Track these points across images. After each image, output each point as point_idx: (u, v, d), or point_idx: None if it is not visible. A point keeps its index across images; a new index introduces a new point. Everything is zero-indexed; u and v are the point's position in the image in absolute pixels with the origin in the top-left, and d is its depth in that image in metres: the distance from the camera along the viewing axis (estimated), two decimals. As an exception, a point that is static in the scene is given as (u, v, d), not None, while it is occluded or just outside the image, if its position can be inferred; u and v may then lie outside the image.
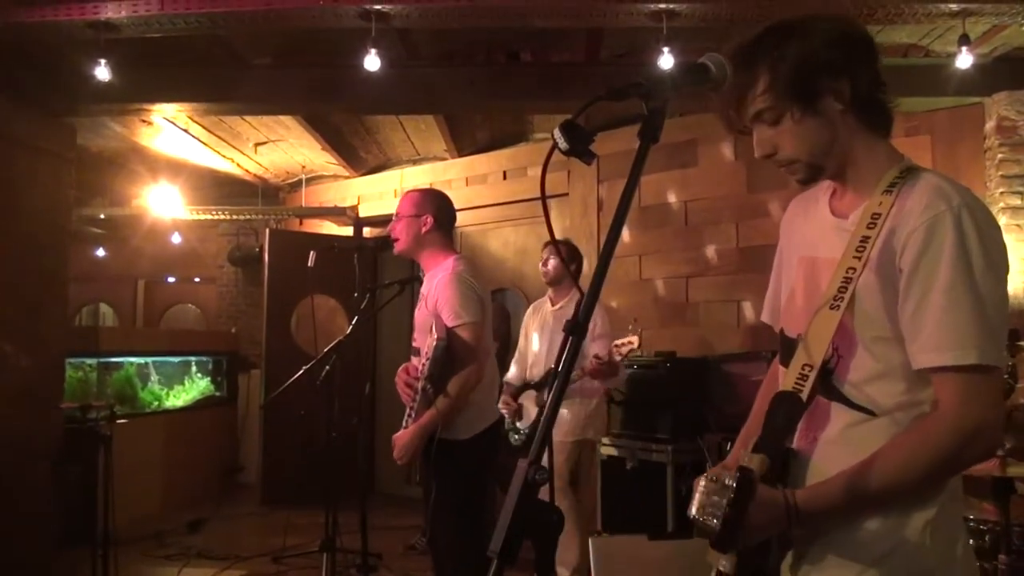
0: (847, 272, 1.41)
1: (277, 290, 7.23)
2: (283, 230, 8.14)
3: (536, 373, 4.63)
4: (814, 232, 1.57)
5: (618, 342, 4.19)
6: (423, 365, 2.99)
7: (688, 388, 4.73)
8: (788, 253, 1.66)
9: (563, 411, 4.46)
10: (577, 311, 1.19)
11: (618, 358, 4.14)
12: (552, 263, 4.64)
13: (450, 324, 3.01)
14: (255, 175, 8.05)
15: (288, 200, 8.47)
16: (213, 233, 8.91)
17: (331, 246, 3.93)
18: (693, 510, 1.34)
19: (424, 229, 3.22)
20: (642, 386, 4.78)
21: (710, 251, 5.38)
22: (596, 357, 4.14)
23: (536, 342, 4.71)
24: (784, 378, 1.46)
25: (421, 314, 3.18)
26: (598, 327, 4.37)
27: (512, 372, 4.72)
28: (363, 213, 7.71)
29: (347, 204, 7.74)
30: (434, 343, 2.92)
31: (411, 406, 3.09)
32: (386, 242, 3.30)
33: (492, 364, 3.33)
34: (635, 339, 4.06)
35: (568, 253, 4.70)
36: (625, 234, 5.72)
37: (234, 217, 8.09)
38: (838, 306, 1.40)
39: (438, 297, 3.06)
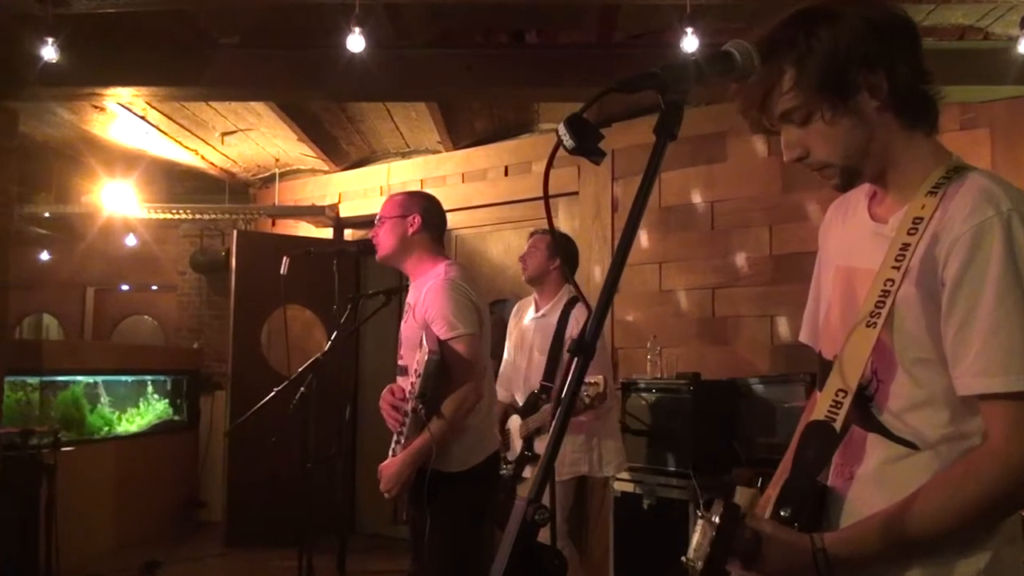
0: (885, 284, 1.41)
1: (246, 300, 7.26)
2: (253, 232, 8.16)
3: (515, 395, 4.61)
4: (852, 239, 1.58)
5: (587, 379, 4.10)
6: (412, 383, 3.01)
7: (714, 415, 4.72)
8: (826, 263, 1.67)
9: (540, 448, 4.46)
10: (583, 330, 1.20)
11: (581, 406, 4.04)
12: (533, 255, 4.57)
13: (444, 336, 3.03)
14: (222, 169, 8.08)
15: (259, 197, 8.50)
16: (173, 235, 8.94)
17: (307, 250, 3.95)
18: (689, 553, 1.37)
19: (411, 230, 3.25)
20: (662, 413, 4.77)
21: (740, 259, 5.40)
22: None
23: (516, 355, 4.66)
24: (817, 405, 1.46)
25: (408, 327, 3.19)
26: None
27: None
28: (344, 213, 7.73)
29: (326, 202, 7.78)
30: (426, 357, 2.94)
31: (399, 431, 3.10)
32: (370, 245, 3.33)
33: (491, 383, 3.35)
34: (600, 379, 3.96)
35: (556, 245, 4.64)
36: (643, 238, 5.73)
37: (197, 216, 8.11)
38: (875, 323, 1.40)
39: (428, 307, 3.08)
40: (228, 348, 7.41)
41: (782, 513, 1.44)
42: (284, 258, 4.07)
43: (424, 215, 3.26)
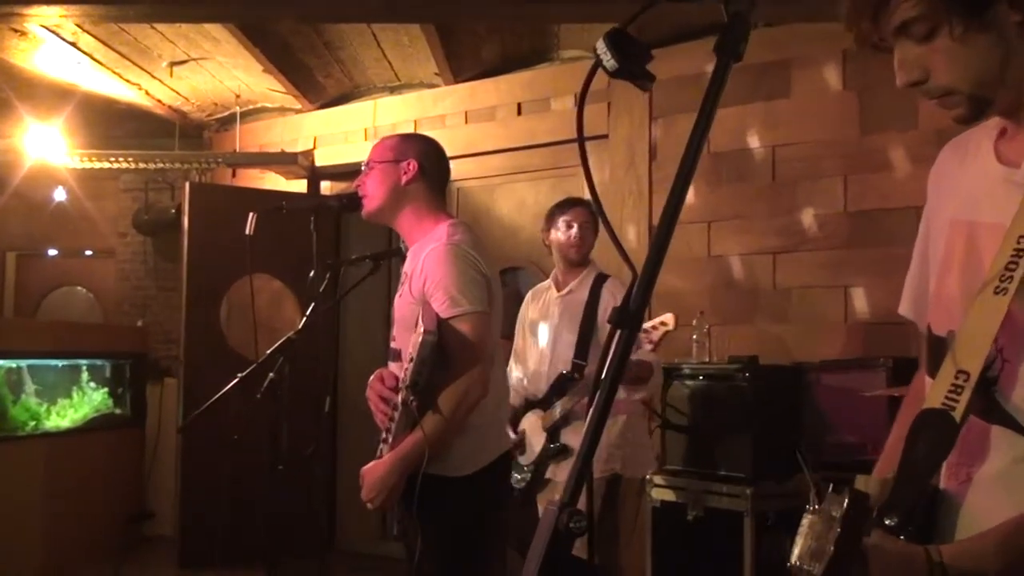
0: (1019, 242, 1.39)
1: (201, 268, 7.28)
2: (209, 184, 8.15)
3: (538, 385, 4.67)
4: (974, 187, 1.56)
5: (646, 325, 4.22)
6: (405, 371, 3.00)
7: (775, 408, 4.71)
8: (937, 217, 1.65)
9: (569, 439, 4.54)
10: (628, 296, 1.19)
11: (649, 347, 4.16)
12: (585, 233, 4.70)
13: (445, 314, 3.02)
14: (170, 108, 8.06)
15: (216, 142, 8.49)
16: (112, 188, 8.94)
17: (279, 206, 3.92)
18: (793, 557, 1.35)
19: (406, 179, 3.24)
20: (710, 404, 4.77)
21: (807, 217, 5.37)
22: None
23: (539, 339, 4.75)
24: (930, 392, 1.45)
25: (403, 303, 3.19)
26: None
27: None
28: (321, 161, 7.73)
29: (298, 148, 7.76)
30: (420, 339, 2.93)
31: (387, 427, 3.10)
32: (355, 200, 3.32)
33: (501, 372, 3.34)
34: (670, 318, 4.06)
35: (594, 218, 4.77)
36: (689, 193, 5.69)
37: (141, 166, 8.07)
38: (1005, 289, 1.38)
39: (427, 276, 3.07)
40: (180, 326, 7.42)
41: (887, 522, 1.43)
42: (250, 215, 4.04)
43: (422, 161, 3.25)
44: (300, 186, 7.87)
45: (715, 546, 4.56)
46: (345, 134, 7.63)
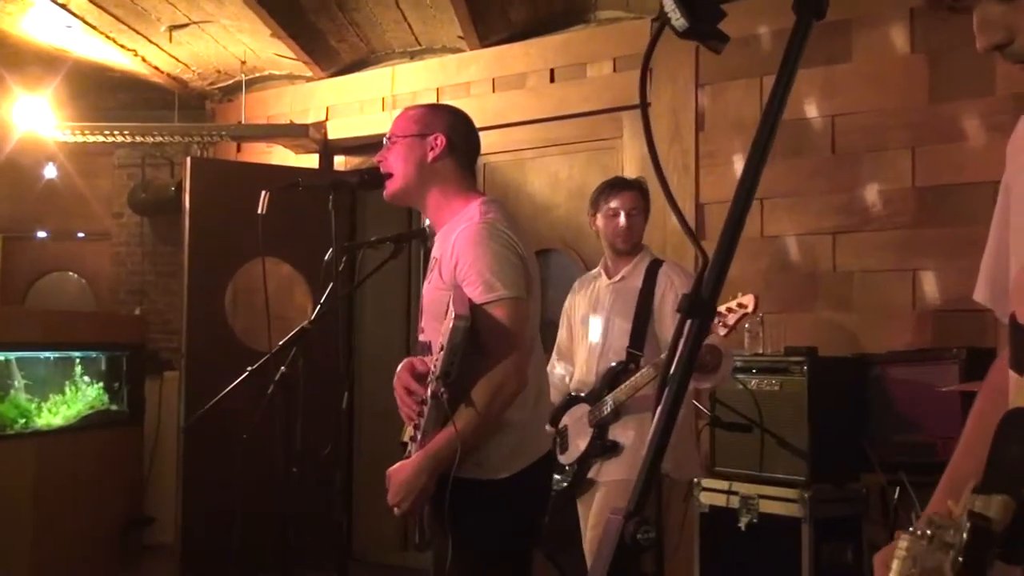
0: None
1: (204, 251, 7.28)
2: (212, 159, 8.18)
3: (587, 380, 4.66)
4: None
5: (722, 308, 4.18)
6: (436, 361, 3.00)
7: (835, 404, 4.72)
8: (1018, 192, 1.63)
9: (618, 436, 4.53)
10: (699, 282, 1.17)
11: (723, 332, 4.13)
12: (634, 222, 4.70)
13: (478, 299, 3.01)
14: (169, 76, 8.07)
15: (219, 114, 8.50)
16: (106, 164, 8.98)
17: (294, 183, 3.90)
18: None
19: (433, 154, 3.23)
20: (764, 400, 4.77)
21: (871, 193, 5.34)
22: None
23: (590, 333, 4.75)
24: (1018, 389, 1.43)
25: (433, 289, 3.19)
26: (680, 292, 4.38)
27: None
28: (334, 133, 7.73)
29: (309, 120, 7.77)
30: (451, 325, 2.92)
31: (416, 423, 3.11)
32: (376, 177, 3.31)
33: (541, 363, 3.33)
34: (749, 299, 4.05)
35: (648, 203, 4.81)
36: (738, 166, 5.70)
37: (138, 139, 8.08)
38: None
39: (459, 259, 3.07)
40: (181, 315, 7.43)
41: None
42: (263, 193, 4.03)
43: (450, 134, 3.24)
44: (311, 161, 7.88)
45: (769, 555, 4.58)
46: (360, 104, 7.61)
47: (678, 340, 1.12)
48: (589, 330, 4.74)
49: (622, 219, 4.67)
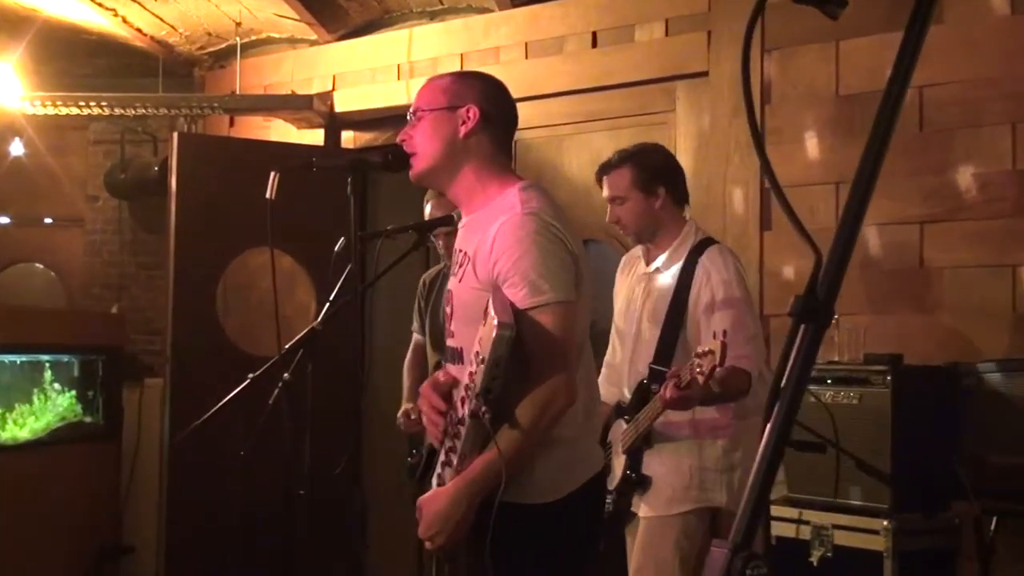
0: None
1: (193, 240, 7.29)
2: (202, 135, 8.19)
3: (623, 386, 4.63)
4: None
5: (699, 350, 4.02)
6: (471, 375, 3.01)
7: (923, 420, 4.69)
8: None
9: (650, 467, 4.49)
10: (814, 281, 1.16)
11: (701, 382, 3.97)
12: (619, 208, 4.57)
13: (522, 303, 3.02)
14: (153, 39, 8.09)
15: (210, 83, 8.52)
16: (79, 140, 9.02)
17: (307, 163, 3.92)
18: None
19: (465, 129, 3.23)
20: (840, 415, 4.75)
21: (964, 176, 5.31)
22: (675, 384, 4.01)
23: (624, 331, 4.73)
24: None
25: (465, 288, 3.20)
26: (717, 290, 4.37)
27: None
28: (342, 106, 7.73)
29: (313, 90, 7.77)
30: (494, 334, 2.92)
31: (449, 447, 3.12)
32: (401, 156, 3.32)
33: (590, 371, 3.35)
34: (715, 346, 3.89)
35: (646, 172, 4.56)
36: (809, 144, 5.69)
37: (117, 112, 8.08)
38: None
39: (500, 255, 3.07)
40: (165, 314, 7.44)
41: None
42: (272, 174, 4.04)
43: (485, 105, 3.24)
44: (315, 137, 7.88)
45: (847, 595, 4.58)
46: (372, 72, 7.60)
47: (789, 348, 1.11)
48: (625, 327, 4.71)
49: (608, 211, 4.62)
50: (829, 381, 4.80)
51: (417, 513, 3.13)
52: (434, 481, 3.23)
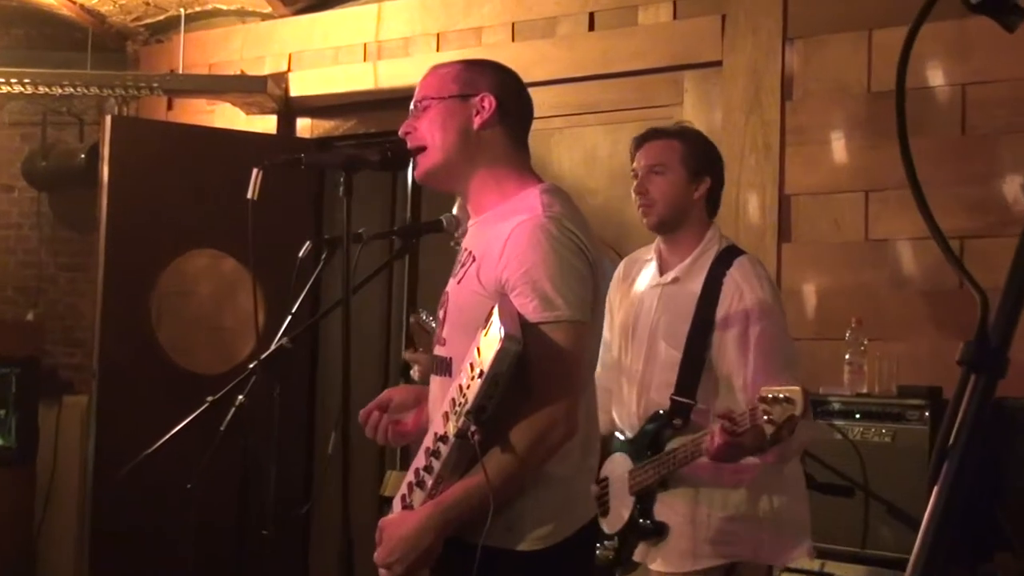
0: None
1: (126, 239, 7.27)
2: (138, 119, 8.20)
3: (624, 413, 4.55)
4: None
5: (767, 394, 3.93)
6: (463, 389, 3.00)
7: (965, 460, 4.65)
8: None
9: (665, 514, 4.38)
10: (983, 327, 1.14)
11: (769, 432, 3.89)
12: (652, 178, 4.45)
13: (532, 316, 3.02)
14: (82, 7, 8.09)
15: (146, 59, 8.53)
16: (-6, 121, 8.95)
17: (295, 159, 3.87)
18: None
19: (480, 120, 3.25)
20: (871, 454, 4.78)
21: (1012, 186, 5.34)
22: (731, 431, 3.95)
23: (628, 348, 4.59)
24: None
25: (465, 291, 3.20)
26: (752, 312, 4.23)
27: None
28: (298, 89, 7.76)
29: (266, 70, 7.80)
30: (497, 347, 2.90)
31: (422, 466, 3.12)
32: (402, 152, 3.32)
33: (592, 402, 3.36)
34: (797, 394, 3.80)
35: (696, 153, 4.50)
36: (837, 147, 5.71)
37: (42, 90, 8.06)
38: None
39: (511, 260, 3.06)
40: (90, 322, 7.42)
41: None
42: (255, 171, 4.00)
43: (500, 95, 3.26)
44: (267, 124, 7.88)
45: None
46: (335, 51, 7.62)
47: (958, 400, 1.10)
48: (630, 346, 4.56)
49: (636, 182, 4.48)
50: (858, 416, 4.82)
51: (377, 535, 3.12)
52: (397, 503, 3.23)
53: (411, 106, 3.32)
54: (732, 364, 4.22)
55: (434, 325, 3.81)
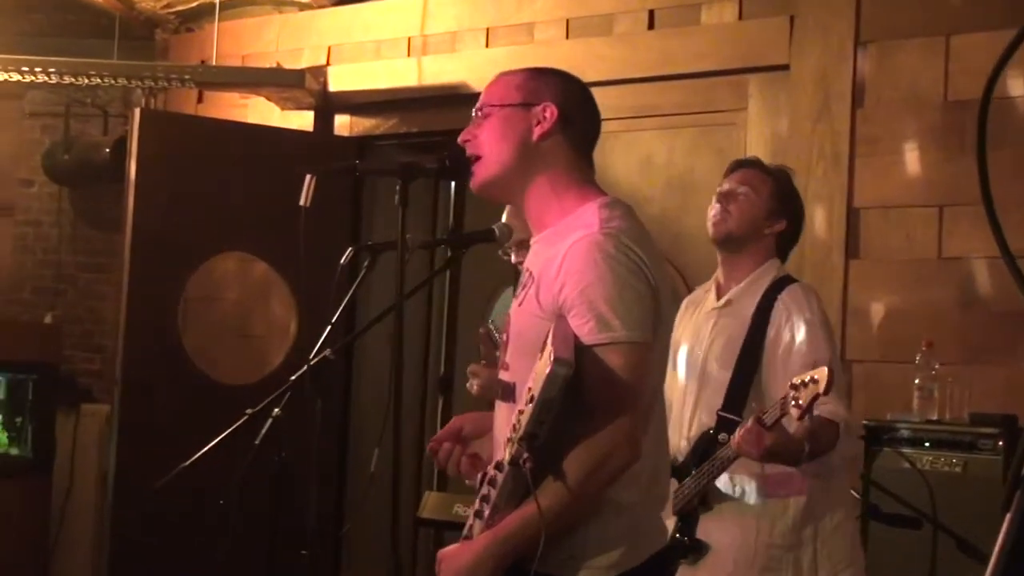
0: None
1: (153, 238, 7.28)
2: (171, 113, 8.20)
3: (676, 441, 4.59)
4: None
5: (796, 381, 4.08)
6: (520, 414, 3.01)
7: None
8: None
9: (708, 532, 4.48)
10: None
11: (796, 415, 4.02)
12: (744, 202, 4.63)
13: (588, 338, 3.02)
14: (108, -5, 8.08)
15: (175, 49, 8.54)
16: (12, 112, 9.02)
17: (349, 166, 3.93)
18: None
19: (541, 130, 3.25)
20: (941, 484, 4.76)
21: (1098, 204, 5.33)
22: (757, 418, 4.09)
23: (680, 370, 4.72)
24: None
25: (525, 314, 3.21)
26: (797, 332, 4.40)
27: None
28: (337, 84, 7.76)
29: (304, 63, 7.80)
30: (548, 371, 2.90)
31: (482, 495, 3.13)
32: (461, 161, 3.33)
33: (661, 427, 3.34)
34: (822, 373, 3.95)
35: (783, 196, 4.70)
36: (908, 158, 5.71)
37: (65, 80, 8.06)
38: None
39: (567, 280, 3.06)
40: (112, 327, 7.46)
41: None
42: (307, 178, 4.00)
43: (564, 105, 3.27)
44: (303, 120, 7.88)
45: None
46: (377, 45, 7.62)
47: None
48: (682, 370, 4.70)
49: (718, 205, 4.65)
50: (927, 444, 4.82)
51: (436, 567, 3.12)
52: (464, 531, 3.21)
53: (473, 113, 3.33)
54: (780, 382, 4.29)
55: (500, 338, 3.88)
